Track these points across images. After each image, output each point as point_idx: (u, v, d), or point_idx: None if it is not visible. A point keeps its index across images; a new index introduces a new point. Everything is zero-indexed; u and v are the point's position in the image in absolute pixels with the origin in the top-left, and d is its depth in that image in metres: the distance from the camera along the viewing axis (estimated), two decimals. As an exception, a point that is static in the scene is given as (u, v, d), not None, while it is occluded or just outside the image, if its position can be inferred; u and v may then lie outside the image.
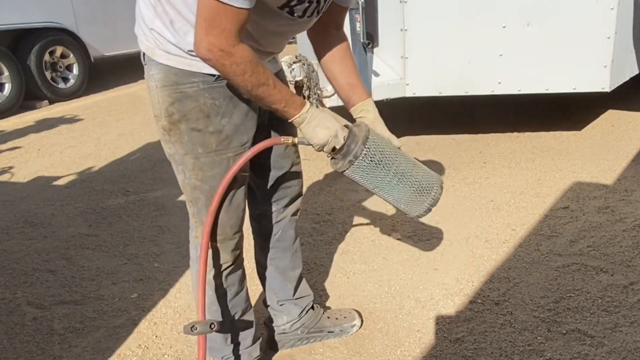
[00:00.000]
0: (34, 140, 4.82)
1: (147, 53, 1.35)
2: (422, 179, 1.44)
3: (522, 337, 1.82)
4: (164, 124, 1.37)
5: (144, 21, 1.33)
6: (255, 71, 1.21)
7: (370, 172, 1.37)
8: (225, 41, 1.15)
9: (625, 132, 3.89)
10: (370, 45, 3.47)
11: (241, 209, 1.49)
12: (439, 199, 1.48)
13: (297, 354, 1.83)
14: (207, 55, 1.18)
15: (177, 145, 1.38)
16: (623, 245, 2.35)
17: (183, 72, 1.31)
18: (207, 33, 1.15)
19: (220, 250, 1.48)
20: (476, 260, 2.33)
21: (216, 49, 1.16)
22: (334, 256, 2.46)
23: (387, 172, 1.38)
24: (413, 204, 1.45)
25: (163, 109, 1.35)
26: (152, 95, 1.37)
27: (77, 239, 2.78)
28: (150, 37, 1.32)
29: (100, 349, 1.91)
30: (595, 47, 3.37)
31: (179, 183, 1.46)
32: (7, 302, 2.22)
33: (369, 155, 1.34)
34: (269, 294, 1.81)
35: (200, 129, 1.35)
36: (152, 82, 1.35)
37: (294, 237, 1.77)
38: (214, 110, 1.35)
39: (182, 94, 1.33)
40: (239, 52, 1.18)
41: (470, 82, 3.59)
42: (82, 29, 6.66)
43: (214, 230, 1.44)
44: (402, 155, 1.43)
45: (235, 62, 1.18)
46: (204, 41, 1.16)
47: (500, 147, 3.77)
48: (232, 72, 1.20)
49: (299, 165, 1.70)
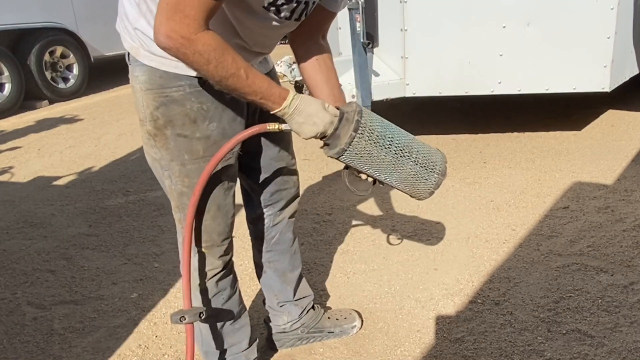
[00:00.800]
0: (34, 140, 4.82)
1: (131, 53, 1.29)
2: (424, 152, 1.33)
3: (522, 337, 1.82)
4: (149, 129, 1.31)
5: (128, 19, 1.27)
6: (222, 61, 1.11)
7: (368, 152, 1.26)
8: (187, 28, 1.06)
9: (625, 132, 3.89)
10: (370, 45, 3.47)
11: (230, 216, 1.45)
12: (445, 173, 1.36)
13: (297, 354, 1.83)
14: (166, 43, 1.07)
15: (163, 150, 1.33)
16: (623, 245, 2.35)
17: (168, 74, 1.26)
18: (168, 18, 1.05)
19: (209, 256, 1.45)
20: (476, 260, 2.33)
21: (177, 36, 1.06)
22: (334, 256, 2.46)
23: (386, 150, 1.27)
24: (419, 182, 1.34)
25: (148, 113, 1.30)
26: (136, 98, 1.31)
27: (77, 239, 2.78)
28: (134, 36, 1.26)
29: (100, 349, 1.91)
30: (595, 47, 3.37)
31: (164, 188, 1.42)
32: (7, 302, 2.22)
33: (366, 134, 1.24)
34: (269, 295, 1.80)
35: (187, 135, 1.30)
36: (136, 84, 1.29)
37: (292, 239, 1.75)
38: (201, 115, 1.30)
39: (168, 98, 1.27)
40: (201, 40, 1.08)
41: (470, 82, 3.59)
42: (82, 29, 6.66)
43: (200, 237, 1.41)
44: (398, 129, 1.32)
45: (197, 51, 1.08)
46: (164, 26, 1.06)
47: (500, 147, 3.77)
48: (195, 62, 1.10)
49: (294, 166, 1.67)
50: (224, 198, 1.42)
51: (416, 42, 3.55)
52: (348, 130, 1.23)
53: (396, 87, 3.66)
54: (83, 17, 6.66)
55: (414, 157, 1.31)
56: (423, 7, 3.47)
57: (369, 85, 3.53)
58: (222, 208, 1.42)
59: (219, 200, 1.40)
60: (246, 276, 2.28)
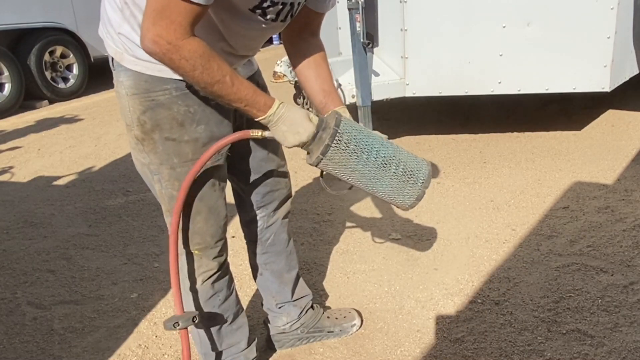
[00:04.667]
0: (34, 140, 4.82)
1: (115, 58, 1.28)
2: (407, 163, 1.32)
3: (522, 337, 1.82)
4: (137, 134, 1.31)
5: (111, 24, 1.26)
6: (208, 67, 1.12)
7: (344, 162, 1.26)
8: (173, 33, 1.06)
9: (625, 132, 3.89)
10: (370, 45, 3.47)
11: (222, 217, 1.44)
12: (430, 181, 1.36)
13: (297, 354, 1.83)
14: (152, 48, 1.08)
15: (152, 155, 1.32)
16: (623, 245, 2.35)
17: (154, 78, 1.25)
18: (154, 23, 1.06)
19: (203, 258, 1.44)
20: (476, 260, 2.33)
21: (163, 41, 1.06)
22: (334, 256, 2.46)
23: (364, 161, 1.27)
24: (399, 194, 1.34)
25: (135, 118, 1.29)
26: (122, 104, 1.30)
27: (77, 239, 2.78)
28: (118, 41, 1.25)
29: (100, 349, 1.91)
30: (595, 47, 3.37)
31: (154, 193, 1.41)
32: (7, 302, 2.22)
33: (342, 143, 1.23)
34: (267, 297, 1.80)
35: (175, 139, 1.30)
36: (122, 89, 1.28)
37: (287, 240, 1.74)
38: (188, 118, 1.29)
39: (154, 102, 1.26)
40: (187, 46, 1.08)
41: (470, 82, 3.59)
42: (82, 29, 6.65)
43: (193, 239, 1.41)
44: (381, 140, 1.31)
45: (183, 57, 1.09)
46: (150, 32, 1.06)
47: (500, 147, 3.77)
48: (181, 68, 1.11)
49: (284, 167, 1.67)
50: (215, 200, 1.41)
51: (416, 42, 3.55)
52: (324, 140, 1.23)
53: (396, 87, 3.66)
54: (83, 17, 6.65)
55: (394, 169, 1.30)
56: (423, 7, 3.47)
57: (369, 85, 3.53)
58: (214, 210, 1.41)
59: (211, 203, 1.40)
60: (246, 276, 2.28)
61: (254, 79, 1.51)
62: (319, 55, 1.50)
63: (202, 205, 1.39)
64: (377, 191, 1.33)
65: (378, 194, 1.34)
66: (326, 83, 1.49)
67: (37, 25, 6.17)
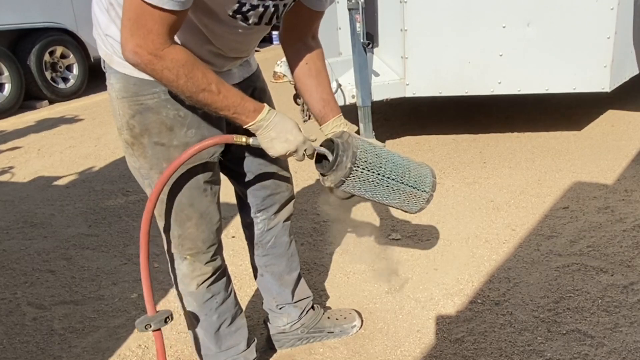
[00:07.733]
0: (34, 140, 4.82)
1: (105, 60, 1.27)
2: (414, 171, 1.38)
3: (522, 337, 1.82)
4: (126, 138, 1.29)
5: (99, 26, 1.24)
6: (192, 76, 1.10)
7: (364, 181, 1.30)
8: (152, 43, 1.04)
9: (625, 132, 3.89)
10: (370, 45, 3.47)
11: (215, 222, 1.43)
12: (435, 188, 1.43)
13: (297, 354, 1.83)
14: (134, 59, 1.06)
15: (142, 159, 1.31)
16: (623, 245, 2.35)
17: (142, 81, 1.22)
18: (132, 34, 1.04)
19: (196, 263, 1.43)
20: (476, 260, 2.33)
21: (144, 52, 1.05)
22: (334, 256, 2.46)
23: (381, 177, 1.31)
24: (410, 201, 1.40)
25: (124, 122, 1.27)
26: (113, 107, 1.29)
27: (77, 239, 2.78)
28: (107, 43, 1.24)
29: (100, 349, 1.91)
30: (595, 47, 3.37)
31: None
32: (7, 302, 2.22)
33: (361, 166, 1.27)
34: (267, 297, 1.79)
35: (164, 143, 1.28)
36: (112, 92, 1.27)
37: (288, 243, 1.73)
38: (177, 122, 1.27)
39: (143, 106, 1.25)
40: (169, 56, 1.06)
41: (470, 82, 3.59)
42: (82, 29, 6.65)
43: (184, 244, 1.40)
44: (387, 152, 1.36)
45: (166, 67, 1.07)
46: (130, 42, 1.04)
47: (500, 147, 3.77)
48: (165, 78, 1.09)
49: (286, 170, 1.64)
50: (207, 206, 1.39)
51: (416, 42, 3.54)
52: (347, 162, 1.26)
53: (396, 87, 3.66)
54: (83, 18, 6.65)
55: (406, 179, 1.36)
56: (423, 7, 3.47)
57: (369, 85, 3.53)
58: (206, 215, 1.39)
59: (202, 208, 1.38)
60: (246, 276, 2.28)
61: (251, 81, 1.49)
62: (319, 60, 1.47)
63: (193, 211, 1.37)
64: (389, 201, 1.38)
65: (391, 203, 1.40)
66: (325, 92, 1.47)
67: (37, 25, 6.17)
